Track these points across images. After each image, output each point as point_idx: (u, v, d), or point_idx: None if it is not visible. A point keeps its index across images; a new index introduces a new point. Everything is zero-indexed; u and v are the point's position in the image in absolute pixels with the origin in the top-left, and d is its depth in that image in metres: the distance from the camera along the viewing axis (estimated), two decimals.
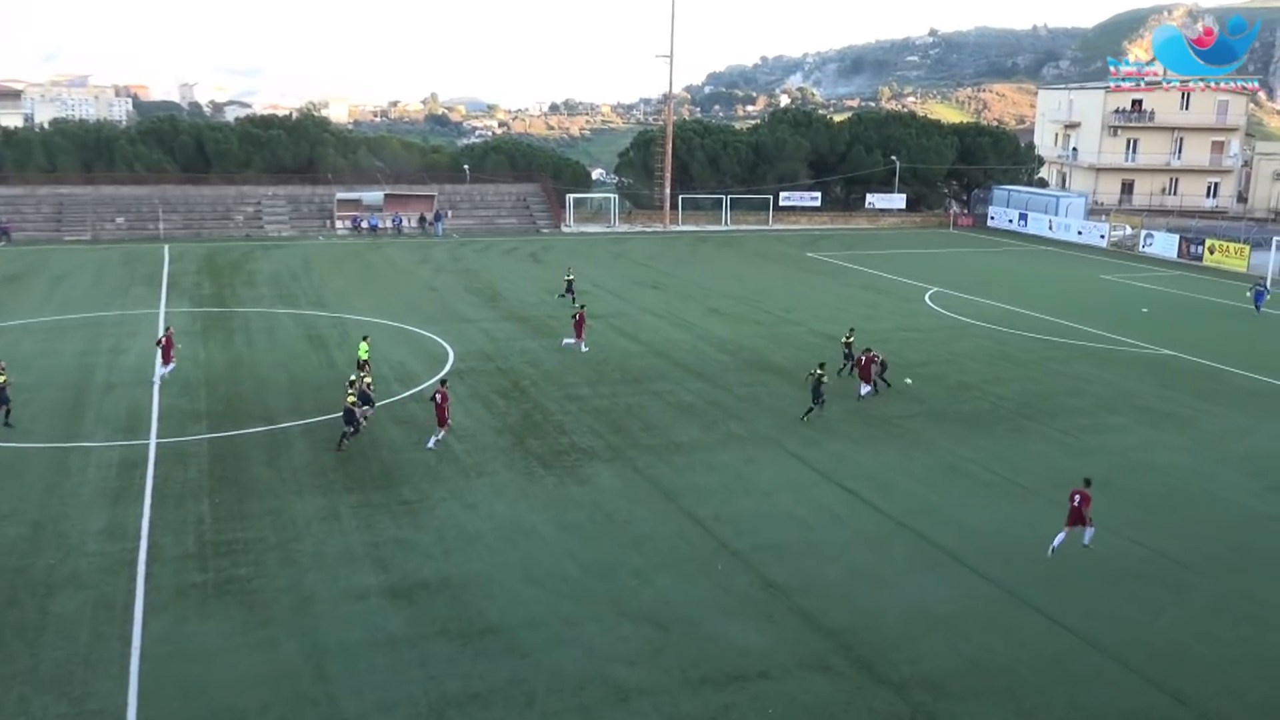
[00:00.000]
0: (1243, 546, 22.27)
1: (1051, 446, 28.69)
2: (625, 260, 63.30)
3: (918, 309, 48.83)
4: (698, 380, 34.61)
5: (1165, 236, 72.23)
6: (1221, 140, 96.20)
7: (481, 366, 35.88)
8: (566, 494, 24.28)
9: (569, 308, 42.01)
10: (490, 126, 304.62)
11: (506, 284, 53.06)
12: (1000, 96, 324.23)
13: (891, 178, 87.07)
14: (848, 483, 25.38)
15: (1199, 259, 67.98)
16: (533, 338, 40.50)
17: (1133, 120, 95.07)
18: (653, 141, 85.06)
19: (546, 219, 79.81)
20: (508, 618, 18.34)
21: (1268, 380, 36.48)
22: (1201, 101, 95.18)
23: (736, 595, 19.41)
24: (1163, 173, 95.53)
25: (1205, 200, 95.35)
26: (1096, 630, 18.37)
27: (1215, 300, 53.66)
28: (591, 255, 65.20)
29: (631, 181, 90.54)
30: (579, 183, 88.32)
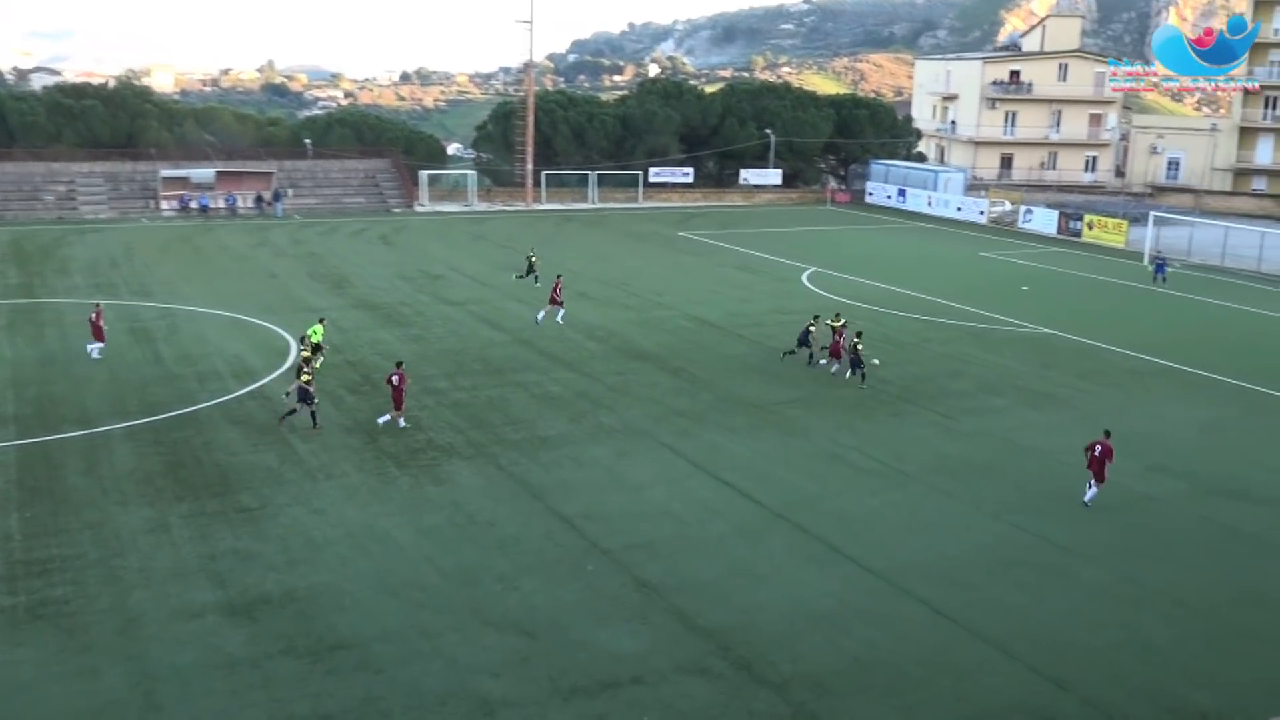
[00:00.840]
0: (1123, 528, 23.36)
1: (933, 430, 29.59)
2: (485, 241, 62.80)
3: (795, 290, 49.73)
4: (565, 370, 34.59)
5: (1044, 212, 75.15)
6: (1099, 113, 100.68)
7: (327, 359, 35.08)
8: (424, 495, 24.00)
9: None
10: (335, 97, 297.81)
11: (355, 269, 52.09)
12: (877, 67, 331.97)
13: (766, 152, 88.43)
14: (724, 474, 25.72)
15: (1078, 235, 70.94)
16: (384, 327, 39.87)
17: (1011, 92, 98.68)
18: (513, 114, 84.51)
19: (398, 197, 78.61)
20: (360, 631, 18.04)
21: (1144, 358, 38.31)
22: (1079, 73, 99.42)
23: (608, 597, 19.49)
24: (1042, 146, 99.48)
25: (1084, 175, 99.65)
26: (980, 619, 19.04)
27: (1094, 277, 56.05)
28: (448, 236, 64.48)
29: (491, 157, 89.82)
30: (434, 158, 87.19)
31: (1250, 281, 56.49)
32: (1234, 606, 19.92)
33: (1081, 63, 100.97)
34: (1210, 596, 20.26)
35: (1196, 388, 34.88)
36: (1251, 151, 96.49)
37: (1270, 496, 25.53)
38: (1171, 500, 25.17)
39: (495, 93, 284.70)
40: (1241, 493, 25.75)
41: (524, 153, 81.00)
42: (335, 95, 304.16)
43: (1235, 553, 22.42)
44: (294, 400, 28.38)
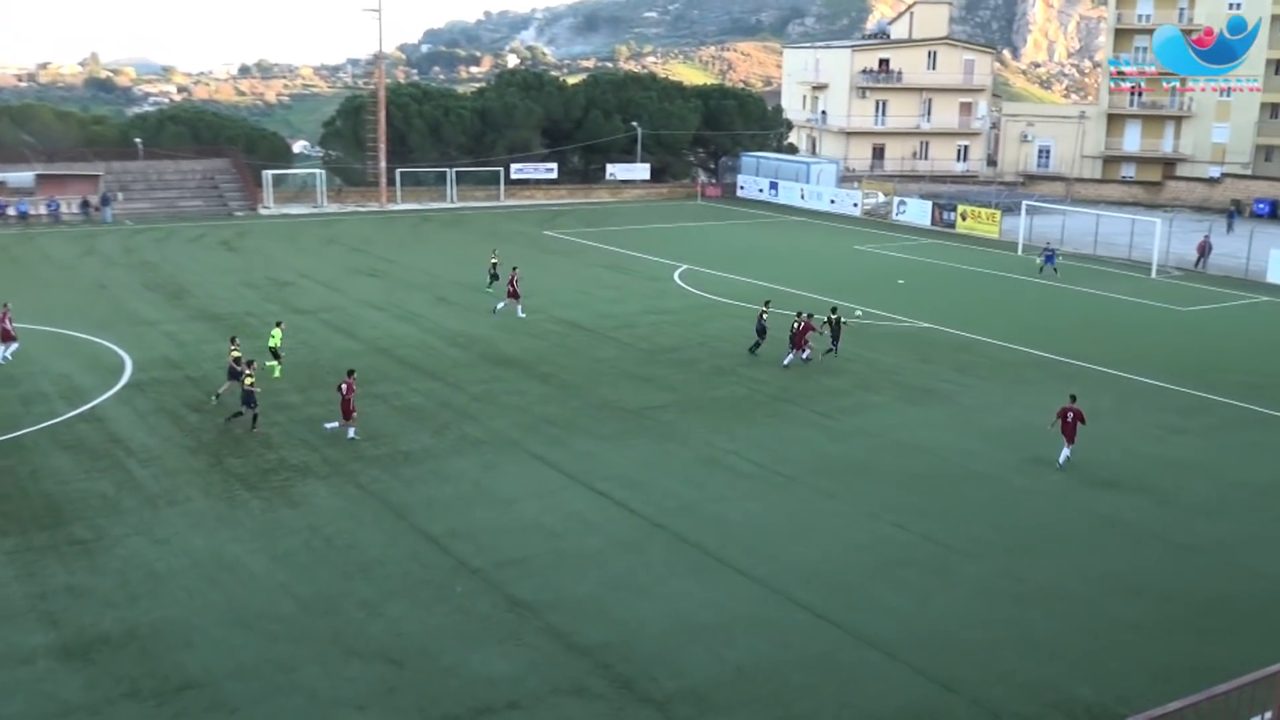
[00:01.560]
0: (1003, 524, 24.19)
1: (812, 431, 30.18)
2: (337, 245, 61.82)
3: (666, 288, 50.17)
4: (426, 379, 34.28)
5: (918, 203, 77.30)
6: (970, 101, 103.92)
7: (167, 376, 34.18)
8: (277, 519, 23.52)
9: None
10: (167, 93, 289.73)
11: (194, 278, 50.74)
12: (745, 56, 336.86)
13: (633, 146, 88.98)
14: (598, 484, 25.81)
15: (952, 226, 73.14)
16: (227, 339, 38.86)
17: (881, 81, 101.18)
18: (363, 108, 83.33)
19: (240, 200, 76.83)
20: (211, 668, 17.59)
21: (1021, 349, 39.70)
22: (948, 61, 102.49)
23: (479, 619, 19.39)
24: (913, 136, 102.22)
25: (956, 164, 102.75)
26: (863, 623, 19.50)
27: (969, 269, 57.85)
28: (297, 240, 63.28)
29: (341, 155, 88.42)
30: (278, 157, 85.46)
31: (1121, 270, 58.98)
32: (1114, 597, 20.79)
33: (950, 50, 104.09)
34: (1091, 588, 21.10)
35: (1072, 378, 36.26)
36: (1119, 138, 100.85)
37: (1144, 484, 26.72)
38: (1051, 492, 26.15)
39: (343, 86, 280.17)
40: (1116, 482, 26.88)
41: (376, 150, 79.94)
42: (167, 90, 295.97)
43: (1113, 543, 23.40)
44: (238, 404, 29.18)
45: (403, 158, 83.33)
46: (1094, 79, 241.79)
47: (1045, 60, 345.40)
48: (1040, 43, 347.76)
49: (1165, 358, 38.83)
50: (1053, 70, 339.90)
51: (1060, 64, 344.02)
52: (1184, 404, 33.54)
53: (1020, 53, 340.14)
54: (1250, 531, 24.19)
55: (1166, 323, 46.25)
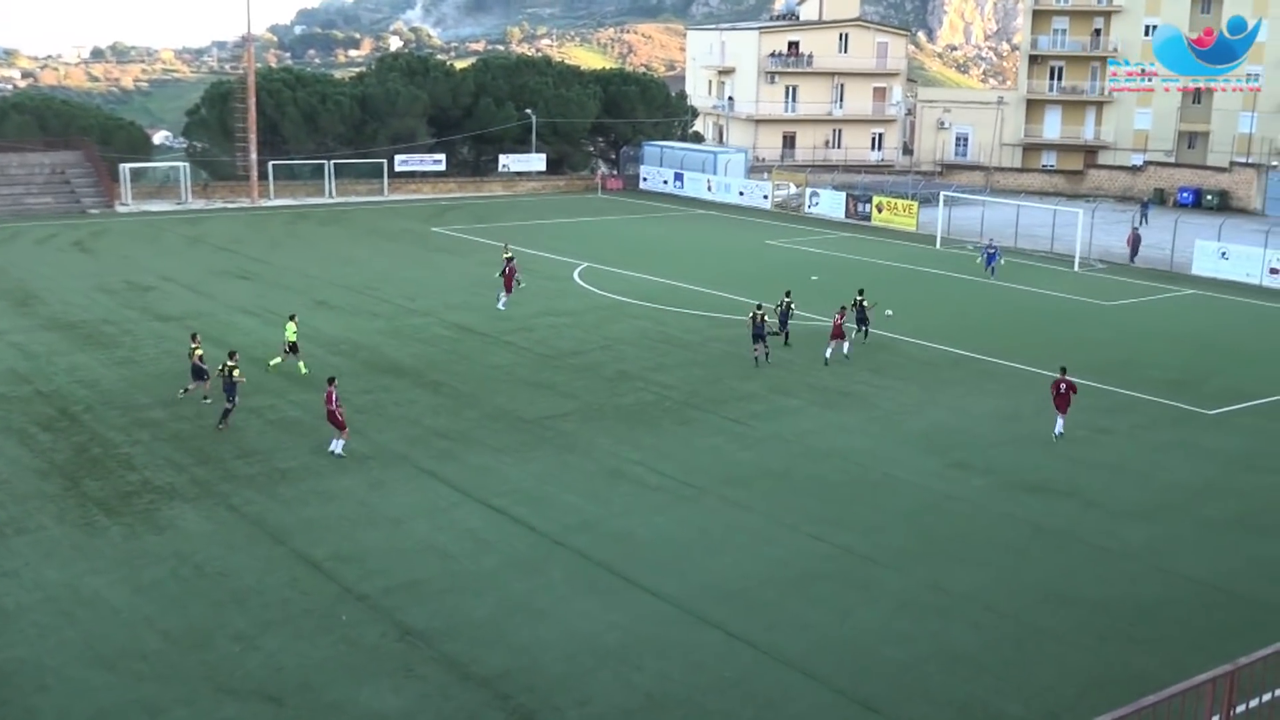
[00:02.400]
0: (926, 532, 24.61)
1: (723, 439, 30.40)
2: (204, 245, 60.72)
3: (566, 288, 50.15)
4: (305, 390, 33.82)
5: (831, 195, 78.29)
6: (884, 87, 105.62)
7: (14, 391, 33.27)
8: (141, 546, 23.03)
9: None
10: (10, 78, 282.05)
11: (44, 282, 49.46)
12: (647, 39, 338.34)
13: (528, 135, 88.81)
14: (494, 500, 25.71)
15: (867, 218, 74.22)
16: (85, 349, 38.04)
17: (790, 65, 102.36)
18: (231, 95, 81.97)
19: (95, 196, 75.06)
20: (69, 713, 17.16)
21: (940, 348, 40.43)
22: (860, 44, 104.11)
23: (366, 650, 19.18)
24: (825, 123, 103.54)
25: (870, 153, 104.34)
26: (780, 642, 19.68)
27: (886, 264, 58.75)
28: (159, 241, 62.02)
29: (207, 146, 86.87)
30: (137, 149, 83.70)
31: (1044, 263, 60.38)
32: (1040, 607, 21.26)
33: (863, 33, 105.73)
34: (1017, 599, 21.56)
35: (994, 377, 37.04)
36: (1039, 125, 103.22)
37: (1070, 488, 27.39)
38: (974, 498, 26.67)
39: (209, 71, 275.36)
40: (1042, 486, 27.52)
41: (246, 141, 78.65)
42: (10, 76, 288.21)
43: (1038, 550, 23.94)
44: (225, 400, 30.22)
45: (275, 149, 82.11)
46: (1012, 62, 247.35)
47: (962, 43, 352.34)
48: (956, 25, 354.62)
49: (1090, 355, 39.82)
50: (970, 54, 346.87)
51: (978, 47, 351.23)
52: (1110, 403, 34.43)
53: (936, 35, 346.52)
54: (1180, 535, 24.92)
55: (1091, 318, 47.45)
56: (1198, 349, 41.99)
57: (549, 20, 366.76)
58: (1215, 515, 26.04)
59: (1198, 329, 45.75)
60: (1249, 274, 55.89)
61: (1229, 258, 57.32)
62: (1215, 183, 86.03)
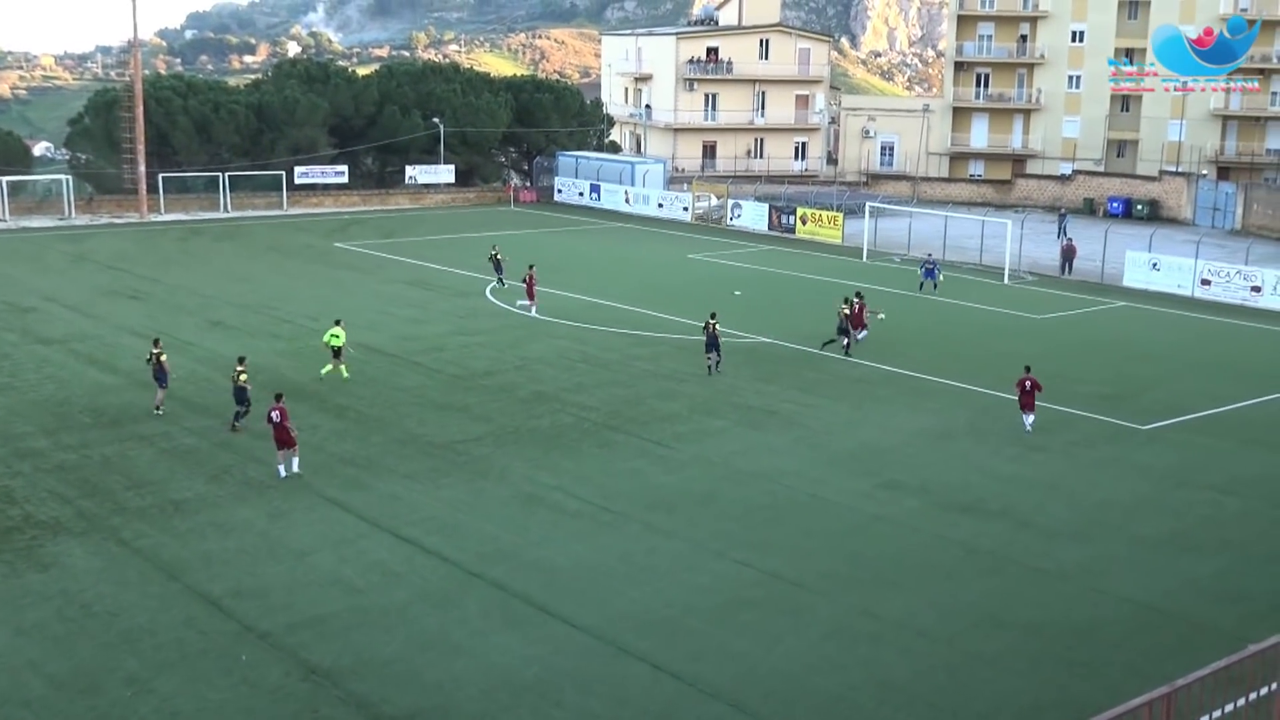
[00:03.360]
0: (856, 556, 24.85)
1: (645, 461, 30.48)
2: (89, 263, 59.72)
3: (478, 306, 50.01)
4: (200, 416, 33.39)
5: (754, 206, 78.94)
6: (806, 94, 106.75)
7: None
8: (23, 585, 22.56)
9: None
10: None
11: None
12: (559, 44, 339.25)
13: (435, 145, 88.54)
14: (404, 530, 25.54)
15: (791, 230, 74.92)
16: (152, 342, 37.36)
17: (709, 72, 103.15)
18: (117, 104, 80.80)
19: None
20: None
21: (869, 364, 40.88)
22: (781, 50, 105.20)
23: (268, 691, 18.96)
24: (747, 132, 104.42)
25: (794, 163, 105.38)
26: (706, 673, 19.75)
27: (810, 277, 59.30)
28: (41, 259, 60.87)
29: (91, 158, 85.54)
30: (15, 161, 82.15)
31: (973, 275, 61.34)
32: (974, 631, 21.56)
33: (784, 38, 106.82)
34: (950, 623, 21.84)
35: (925, 394, 37.52)
36: (966, 134, 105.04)
37: (1002, 508, 27.82)
38: (905, 520, 26.98)
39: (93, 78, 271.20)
40: (975, 506, 27.92)
41: (134, 152, 77.56)
42: None
43: (972, 573, 24.27)
44: (235, 404, 31.92)
45: (166, 161, 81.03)
46: (938, 69, 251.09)
47: (886, 49, 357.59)
48: (880, 30, 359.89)
49: (1022, 370, 40.44)
50: (894, 60, 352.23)
51: (902, 53, 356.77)
52: (1042, 419, 34.97)
53: (859, 41, 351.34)
54: (1114, 554, 25.41)
55: (1022, 332, 48.27)
56: (1130, 362, 42.88)
57: (456, 25, 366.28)
58: (1149, 534, 26.59)
59: (1130, 342, 46.72)
60: (1180, 285, 57.24)
61: (1160, 269, 58.66)
62: (1145, 192, 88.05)
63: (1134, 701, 13.42)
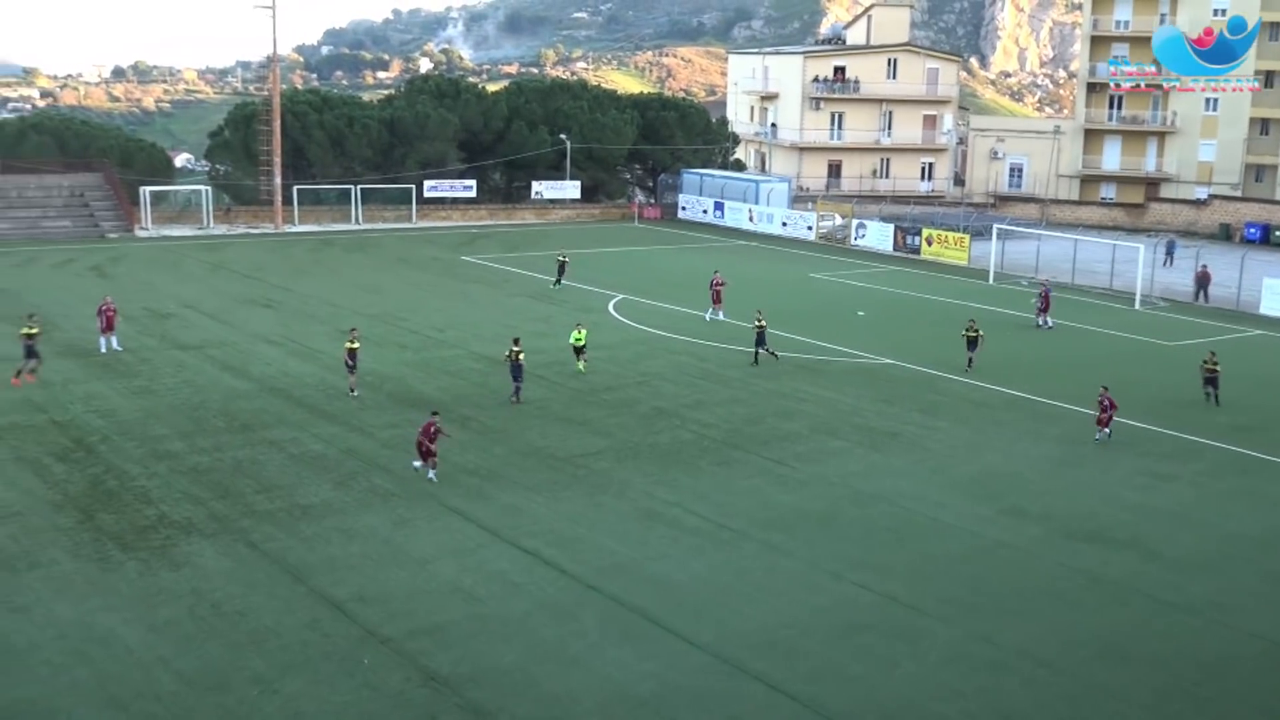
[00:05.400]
0: (977, 581, 24.45)
1: (764, 480, 30.35)
2: (226, 272, 61.29)
3: (601, 321, 50.25)
4: (328, 423, 34.03)
5: (879, 226, 78.29)
6: (934, 114, 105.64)
7: (28, 420, 33.61)
8: (156, 583, 23.19)
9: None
10: (28, 97, 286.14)
11: (60, 309, 50.00)
12: (686, 62, 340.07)
13: (562, 161, 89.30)
14: (524, 541, 25.74)
15: (916, 251, 74.15)
16: (102, 378, 38.43)
17: (836, 91, 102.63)
18: (255, 117, 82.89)
19: (114, 220, 75.95)
20: None
21: (993, 388, 40.24)
22: (910, 69, 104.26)
23: (389, 696, 19.22)
24: (873, 152, 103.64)
25: (920, 183, 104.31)
26: (822, 695, 19.59)
27: (935, 299, 58.62)
28: (180, 267, 62.64)
29: (230, 169, 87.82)
30: (158, 171, 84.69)
31: (1102, 300, 60.09)
32: (1097, 663, 21.07)
33: (913, 58, 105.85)
34: (1072, 653, 21.38)
35: (1050, 419, 36.82)
36: (1098, 156, 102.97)
37: (1128, 538, 27.16)
38: (1028, 547, 26.49)
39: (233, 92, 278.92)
40: (1100, 534, 27.30)
41: (270, 164, 79.48)
42: (29, 95, 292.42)
43: (1095, 602, 23.73)
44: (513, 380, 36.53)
45: (301, 173, 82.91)
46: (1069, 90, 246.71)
47: (1016, 70, 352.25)
48: (1010, 50, 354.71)
49: (1151, 397, 39.57)
50: (1024, 81, 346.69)
51: (1032, 74, 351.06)
52: (1172, 448, 34.17)
53: (989, 61, 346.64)
54: (1245, 588, 24.66)
55: (1153, 359, 47.15)
56: (1265, 392, 41.62)
57: (585, 42, 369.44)
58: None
59: (1265, 371, 45.35)
60: None
61: None
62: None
63: None
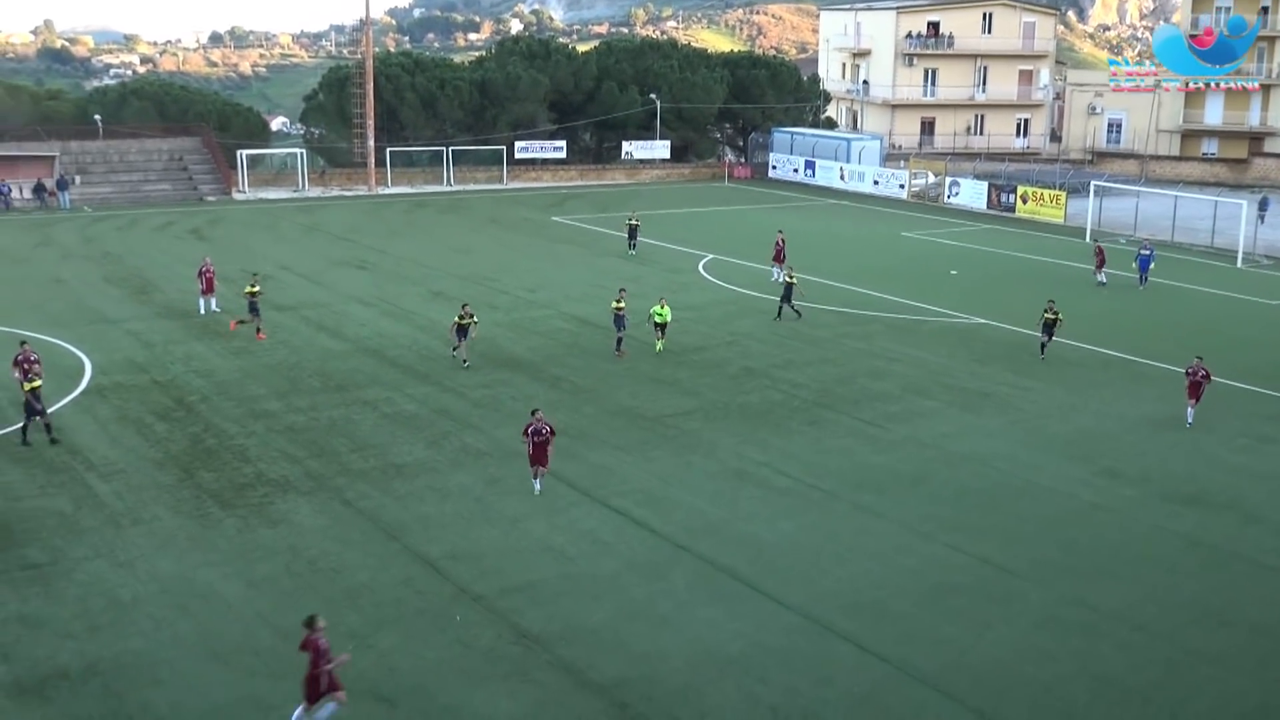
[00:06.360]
0: (1071, 544, 24.08)
1: (855, 440, 30.12)
2: (320, 233, 62.01)
3: (690, 281, 50.15)
4: (421, 384, 34.34)
5: (972, 184, 77.11)
6: (1030, 69, 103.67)
7: (131, 380, 34.33)
8: (254, 539, 23.59)
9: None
10: (130, 64, 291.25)
11: (161, 271, 50.97)
12: (777, 19, 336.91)
13: (652, 121, 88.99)
14: (614, 501, 25.81)
15: (1011, 209, 72.96)
16: (201, 339, 39.11)
17: (929, 46, 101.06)
18: (349, 80, 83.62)
19: (212, 183, 77.16)
20: (182, 708, 17.65)
21: (1089, 348, 39.52)
22: (1005, 23, 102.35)
23: (481, 652, 19.40)
24: (967, 108, 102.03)
25: (1015, 140, 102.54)
26: (914, 657, 19.43)
27: (1030, 258, 57.65)
28: (276, 229, 63.49)
29: (324, 132, 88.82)
30: (254, 135, 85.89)
31: (1203, 258, 58.70)
32: (1195, 628, 20.67)
33: (1008, 11, 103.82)
34: (1169, 618, 20.99)
35: (1148, 380, 36.09)
36: (1200, 110, 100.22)
37: (1229, 500, 26.57)
38: (1124, 509, 26.02)
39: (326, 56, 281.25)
40: (1199, 497, 26.74)
41: (363, 127, 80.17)
42: (130, 61, 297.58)
43: (1194, 566, 23.26)
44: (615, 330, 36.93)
45: (393, 135, 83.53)
46: None
47: (1115, 23, 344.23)
48: (1110, 3, 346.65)
49: (1255, 358, 38.61)
50: (1124, 34, 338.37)
51: (1132, 27, 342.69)
52: (1275, 410, 33.33)
53: (1087, 15, 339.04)
54: None
55: (1256, 318, 45.99)
56: None
57: (675, 1, 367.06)
58: None
59: None
60: None
61: None
62: None
63: None
